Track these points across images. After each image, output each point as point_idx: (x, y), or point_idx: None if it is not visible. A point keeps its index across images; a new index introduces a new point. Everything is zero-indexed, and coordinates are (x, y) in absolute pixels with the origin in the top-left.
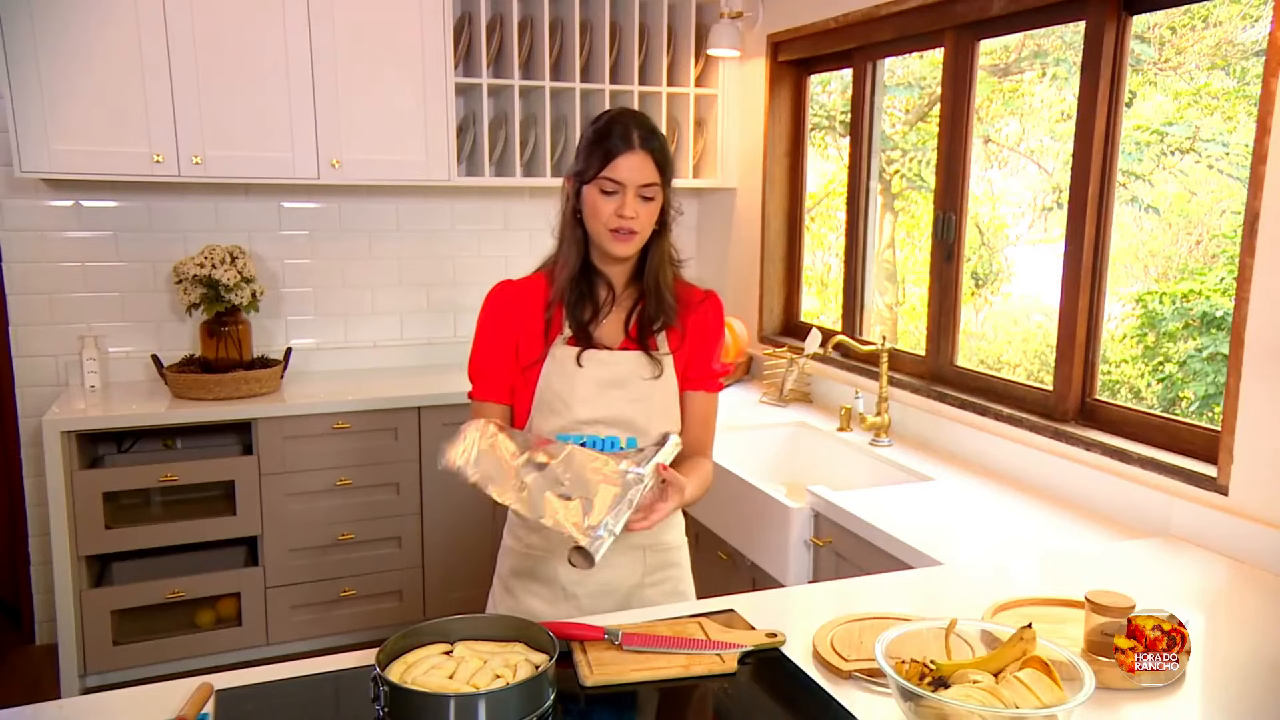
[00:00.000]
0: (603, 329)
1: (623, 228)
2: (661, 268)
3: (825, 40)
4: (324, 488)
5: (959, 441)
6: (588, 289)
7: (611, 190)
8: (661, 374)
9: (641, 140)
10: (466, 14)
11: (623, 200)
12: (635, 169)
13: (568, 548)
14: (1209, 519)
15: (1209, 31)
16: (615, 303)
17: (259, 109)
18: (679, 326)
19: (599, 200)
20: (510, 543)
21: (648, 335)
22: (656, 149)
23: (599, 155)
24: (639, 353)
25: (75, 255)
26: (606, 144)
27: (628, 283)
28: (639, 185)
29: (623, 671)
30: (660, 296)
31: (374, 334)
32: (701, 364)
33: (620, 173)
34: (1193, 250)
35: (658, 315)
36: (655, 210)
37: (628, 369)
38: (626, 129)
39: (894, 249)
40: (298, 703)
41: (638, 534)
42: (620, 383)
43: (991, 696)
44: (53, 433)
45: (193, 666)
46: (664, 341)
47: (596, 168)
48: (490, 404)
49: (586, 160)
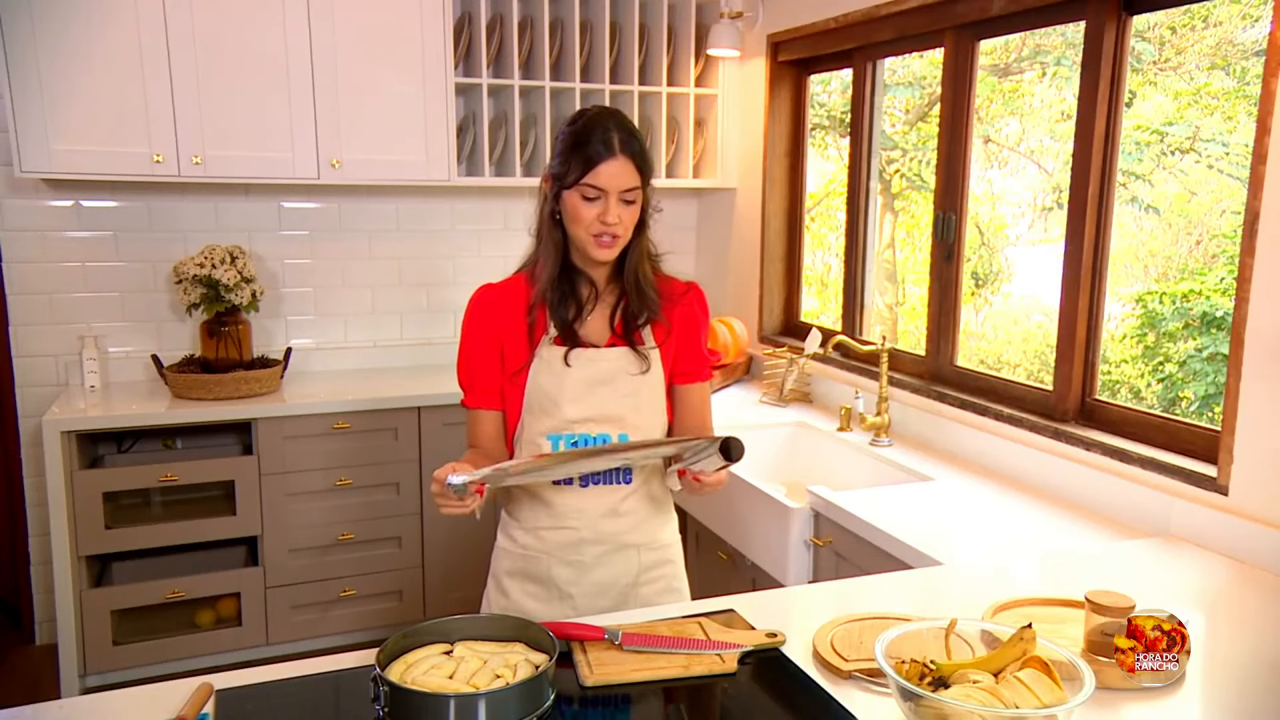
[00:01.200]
0: (588, 326)
1: (606, 233)
2: (641, 264)
3: (825, 40)
4: (324, 488)
5: (959, 441)
6: (570, 288)
7: (593, 196)
8: (649, 369)
9: (622, 145)
10: (466, 14)
11: (605, 206)
12: (616, 175)
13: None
14: (1209, 519)
15: (1209, 31)
16: (598, 299)
17: (259, 109)
18: (664, 320)
19: (580, 206)
20: (505, 543)
21: (633, 331)
22: (636, 151)
23: (579, 161)
24: (625, 349)
25: (75, 255)
26: (587, 150)
27: (609, 279)
28: (621, 191)
29: (623, 672)
30: (642, 292)
31: (374, 334)
32: (691, 355)
33: (601, 179)
34: (1193, 250)
35: (641, 310)
36: (637, 213)
37: (615, 365)
38: (607, 133)
39: (894, 249)
40: (298, 703)
41: (631, 534)
42: (608, 379)
43: (991, 696)
44: (53, 433)
45: (193, 666)
46: (649, 336)
47: (577, 174)
48: (485, 411)
49: (566, 164)
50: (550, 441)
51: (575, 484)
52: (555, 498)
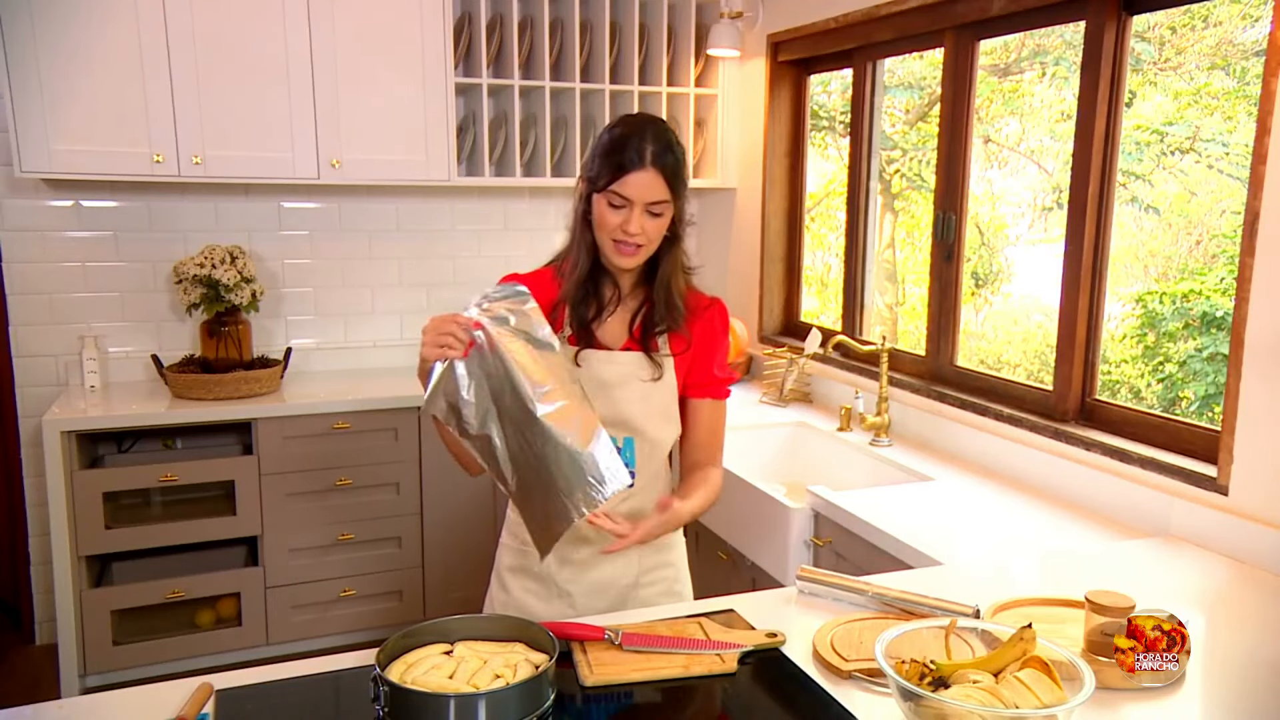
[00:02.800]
0: (605, 328)
1: (627, 242)
2: (674, 276)
3: (825, 40)
4: (324, 488)
5: (959, 441)
6: (594, 288)
7: (619, 205)
8: (661, 376)
9: (654, 157)
10: (466, 14)
11: (629, 216)
12: (644, 186)
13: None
14: (1209, 519)
15: (1209, 31)
16: (620, 302)
17: (259, 109)
18: (684, 332)
19: (605, 212)
20: (507, 539)
21: (650, 337)
22: (669, 165)
23: (610, 167)
24: (639, 354)
25: (75, 255)
26: (619, 157)
27: (635, 284)
28: (646, 203)
29: (622, 672)
30: (670, 302)
31: (374, 334)
32: (704, 370)
33: (628, 189)
34: (1193, 250)
35: (663, 319)
36: (663, 225)
37: (627, 369)
38: (641, 143)
39: (894, 249)
40: (298, 703)
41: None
42: (619, 382)
43: (991, 696)
44: (53, 433)
45: (193, 666)
46: (666, 344)
47: (606, 179)
48: None
49: (599, 168)
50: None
51: None
52: None
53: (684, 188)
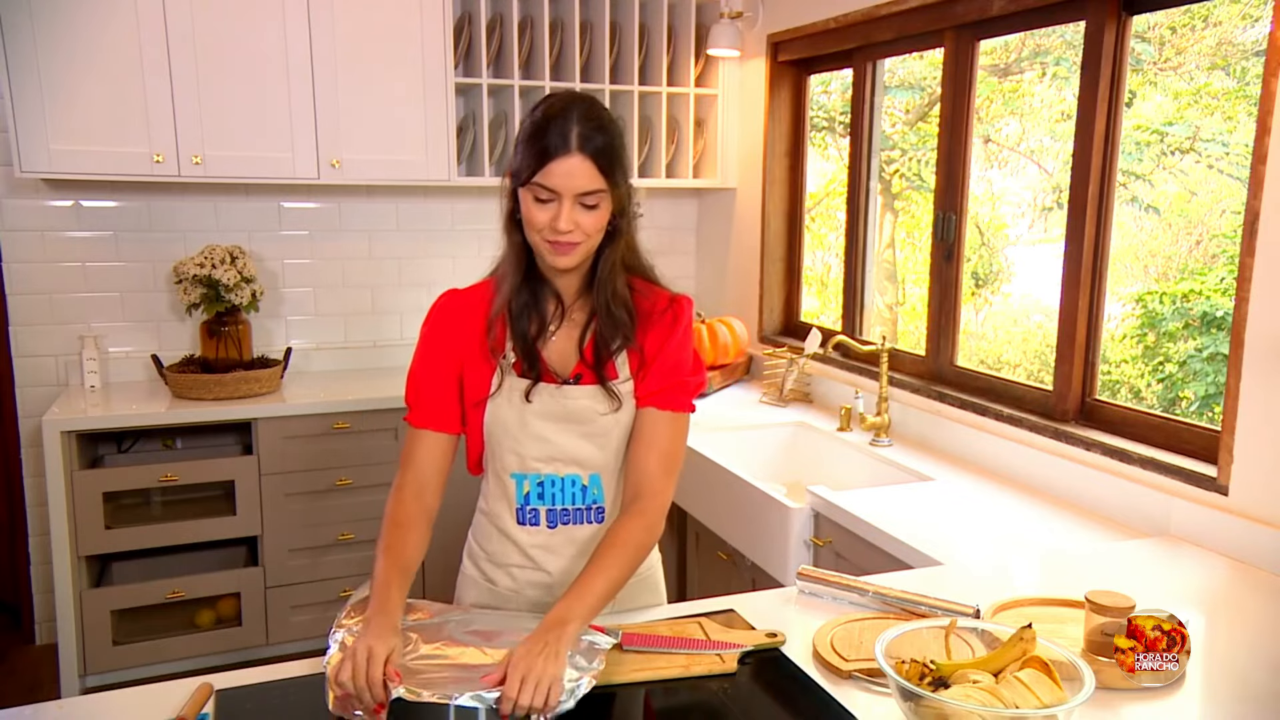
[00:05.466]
0: (552, 348)
1: (559, 240)
2: (613, 279)
3: (825, 40)
4: (324, 488)
5: (959, 441)
6: (532, 300)
7: (546, 199)
8: (620, 407)
9: (582, 141)
10: (466, 14)
11: (558, 210)
12: (572, 175)
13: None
14: (1209, 519)
15: (1209, 31)
16: (565, 316)
17: (259, 109)
18: (637, 346)
19: (533, 208)
20: (472, 573)
21: (605, 360)
22: (600, 149)
23: (532, 156)
24: (595, 387)
25: (75, 255)
26: (541, 143)
27: (579, 292)
28: (577, 194)
29: (622, 672)
30: (612, 314)
31: (374, 334)
32: (658, 376)
33: (554, 179)
34: (1193, 250)
35: (614, 334)
36: (601, 218)
37: (581, 404)
38: (565, 126)
39: (894, 249)
40: (298, 703)
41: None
42: (575, 418)
43: (991, 696)
44: (53, 433)
45: (193, 666)
46: (624, 365)
47: (529, 170)
48: (430, 433)
49: (521, 158)
50: (515, 481)
51: (543, 525)
52: (523, 536)
53: (622, 173)
